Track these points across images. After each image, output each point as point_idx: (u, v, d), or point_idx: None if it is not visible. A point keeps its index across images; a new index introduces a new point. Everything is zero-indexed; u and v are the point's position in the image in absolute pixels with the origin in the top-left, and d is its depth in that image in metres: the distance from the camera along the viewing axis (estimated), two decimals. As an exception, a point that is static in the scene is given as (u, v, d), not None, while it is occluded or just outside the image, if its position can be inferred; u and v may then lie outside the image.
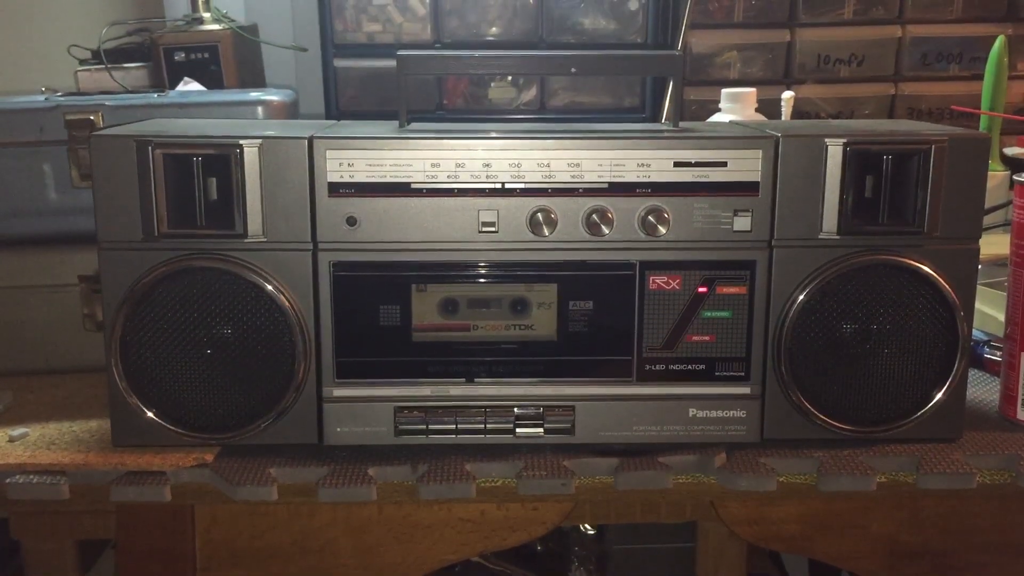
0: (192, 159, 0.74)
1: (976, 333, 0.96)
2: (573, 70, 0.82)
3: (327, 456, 0.78)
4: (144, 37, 1.41)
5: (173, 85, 1.30)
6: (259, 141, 0.74)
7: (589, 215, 0.76)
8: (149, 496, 0.76)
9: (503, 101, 1.64)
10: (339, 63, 1.60)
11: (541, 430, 0.79)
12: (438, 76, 1.58)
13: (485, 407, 0.79)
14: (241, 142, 0.74)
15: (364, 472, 0.77)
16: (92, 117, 0.97)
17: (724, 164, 0.76)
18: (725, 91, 1.23)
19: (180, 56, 1.37)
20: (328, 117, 1.60)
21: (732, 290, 0.78)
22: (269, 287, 0.76)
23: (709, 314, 0.78)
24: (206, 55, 1.38)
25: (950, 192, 0.76)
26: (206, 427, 0.77)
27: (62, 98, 1.01)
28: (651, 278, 0.78)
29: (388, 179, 0.76)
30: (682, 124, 0.84)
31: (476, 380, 0.79)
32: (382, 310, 0.77)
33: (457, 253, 0.77)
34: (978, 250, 0.78)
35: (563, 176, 0.76)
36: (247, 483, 0.75)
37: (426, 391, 0.79)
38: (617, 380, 0.79)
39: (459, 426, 0.79)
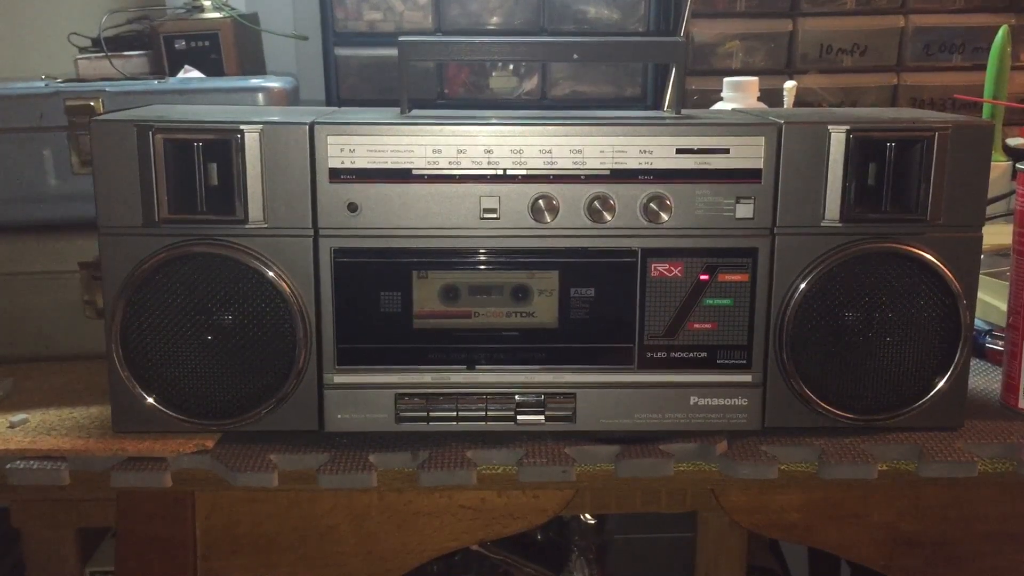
0: (193, 144, 0.74)
1: (978, 322, 0.96)
2: (575, 56, 0.82)
3: (328, 443, 0.78)
4: (144, 25, 1.40)
5: (173, 73, 1.30)
6: (260, 126, 0.74)
7: (591, 202, 0.76)
8: (149, 482, 0.76)
9: (504, 91, 1.63)
10: (340, 52, 1.60)
11: (542, 417, 0.79)
12: (439, 63, 1.57)
13: (486, 394, 0.79)
14: (242, 127, 0.74)
15: (365, 459, 0.77)
16: (92, 103, 0.96)
17: (726, 151, 0.76)
18: (727, 80, 1.23)
19: (180, 44, 1.37)
20: (329, 106, 1.59)
21: (734, 278, 0.78)
22: (270, 273, 0.75)
23: (711, 302, 0.78)
24: (206, 43, 1.37)
25: (953, 180, 0.76)
26: (207, 413, 0.77)
27: (62, 84, 1.01)
28: (653, 265, 0.77)
29: (389, 165, 0.75)
30: (684, 112, 0.83)
31: (477, 367, 0.79)
32: (383, 297, 0.77)
33: (458, 240, 0.77)
34: (981, 238, 0.78)
35: (565, 163, 0.76)
36: (248, 469, 0.75)
37: (427, 378, 0.78)
38: (618, 368, 0.79)
39: (460, 413, 0.78)
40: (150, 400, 0.77)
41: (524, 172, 0.76)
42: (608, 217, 0.76)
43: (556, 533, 1.44)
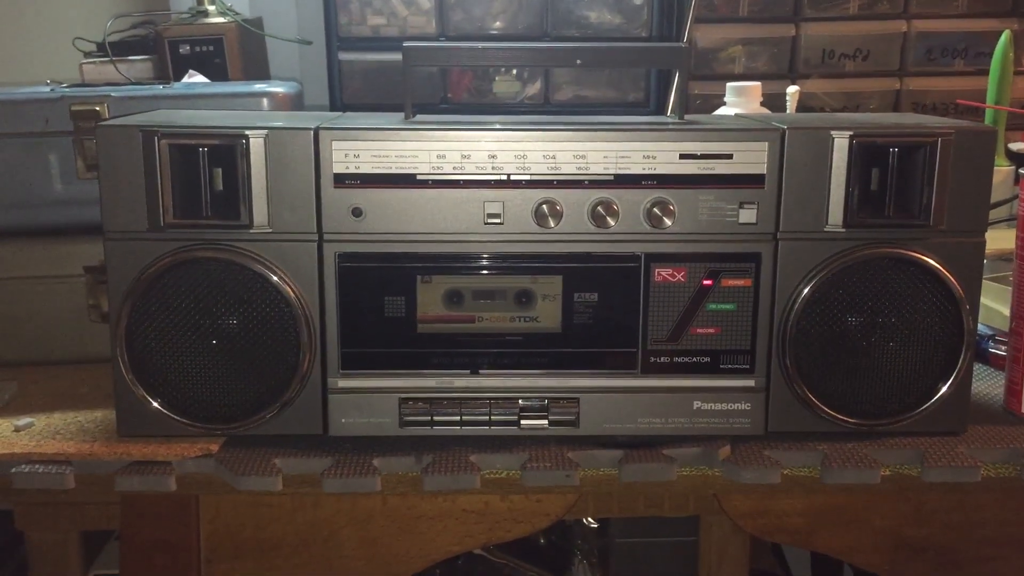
0: (198, 149, 0.74)
1: (981, 327, 0.96)
2: (579, 62, 0.82)
3: (332, 447, 0.79)
4: (149, 30, 1.41)
5: (178, 78, 1.30)
6: (265, 132, 0.74)
7: (594, 207, 0.76)
8: (154, 486, 0.76)
9: (508, 95, 1.64)
10: (343, 56, 1.60)
11: (546, 422, 0.79)
12: (443, 68, 1.58)
13: (490, 399, 0.79)
14: (247, 133, 0.74)
15: (369, 463, 0.77)
16: (97, 108, 0.97)
17: (730, 156, 0.76)
18: (730, 85, 1.23)
19: (185, 49, 1.37)
20: (333, 110, 1.60)
21: (737, 283, 0.78)
22: (274, 278, 0.76)
23: (714, 307, 0.78)
24: (211, 48, 1.38)
25: (956, 185, 0.76)
26: (211, 417, 0.77)
27: (67, 89, 1.01)
28: (656, 270, 0.77)
29: (394, 170, 0.76)
30: (687, 117, 0.83)
31: (481, 372, 0.79)
32: (387, 301, 0.77)
33: (462, 244, 0.77)
34: (984, 243, 0.78)
35: (569, 168, 0.76)
36: (252, 473, 0.75)
37: (431, 382, 0.79)
38: (622, 372, 0.79)
39: (464, 417, 0.79)
40: (155, 404, 0.77)
41: (528, 177, 0.76)
42: (612, 222, 0.76)
43: (559, 537, 1.43)
